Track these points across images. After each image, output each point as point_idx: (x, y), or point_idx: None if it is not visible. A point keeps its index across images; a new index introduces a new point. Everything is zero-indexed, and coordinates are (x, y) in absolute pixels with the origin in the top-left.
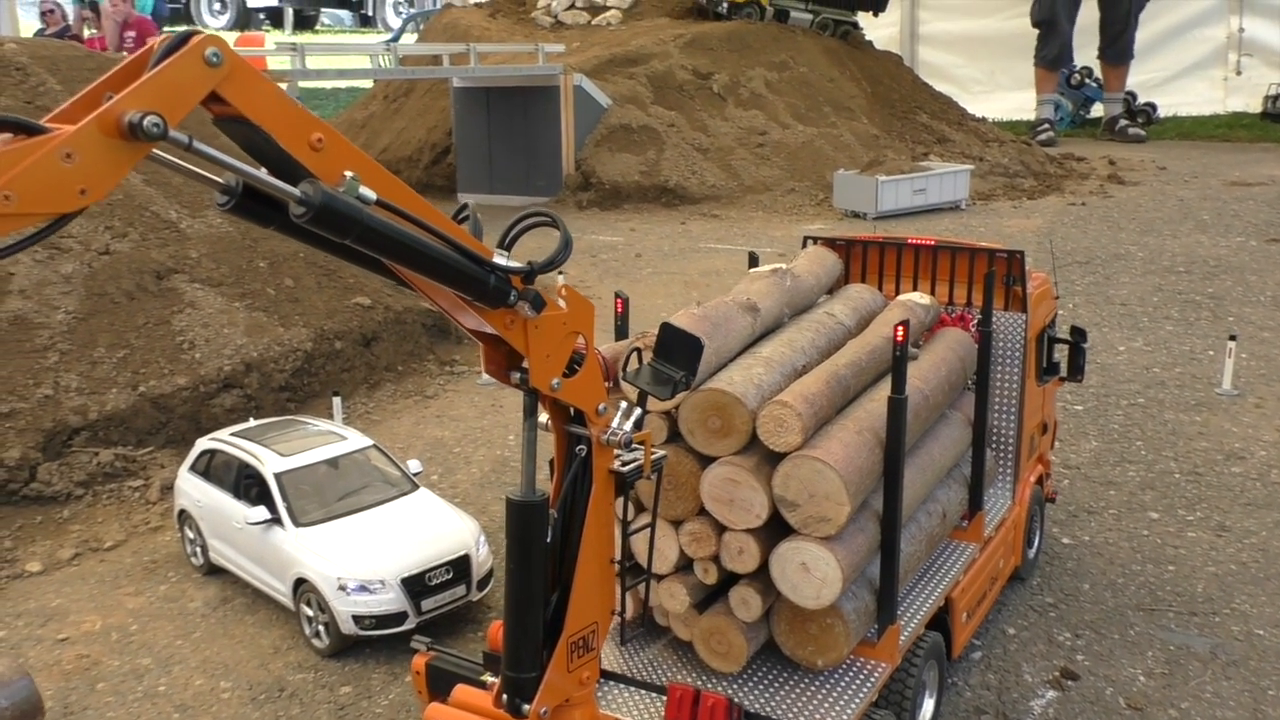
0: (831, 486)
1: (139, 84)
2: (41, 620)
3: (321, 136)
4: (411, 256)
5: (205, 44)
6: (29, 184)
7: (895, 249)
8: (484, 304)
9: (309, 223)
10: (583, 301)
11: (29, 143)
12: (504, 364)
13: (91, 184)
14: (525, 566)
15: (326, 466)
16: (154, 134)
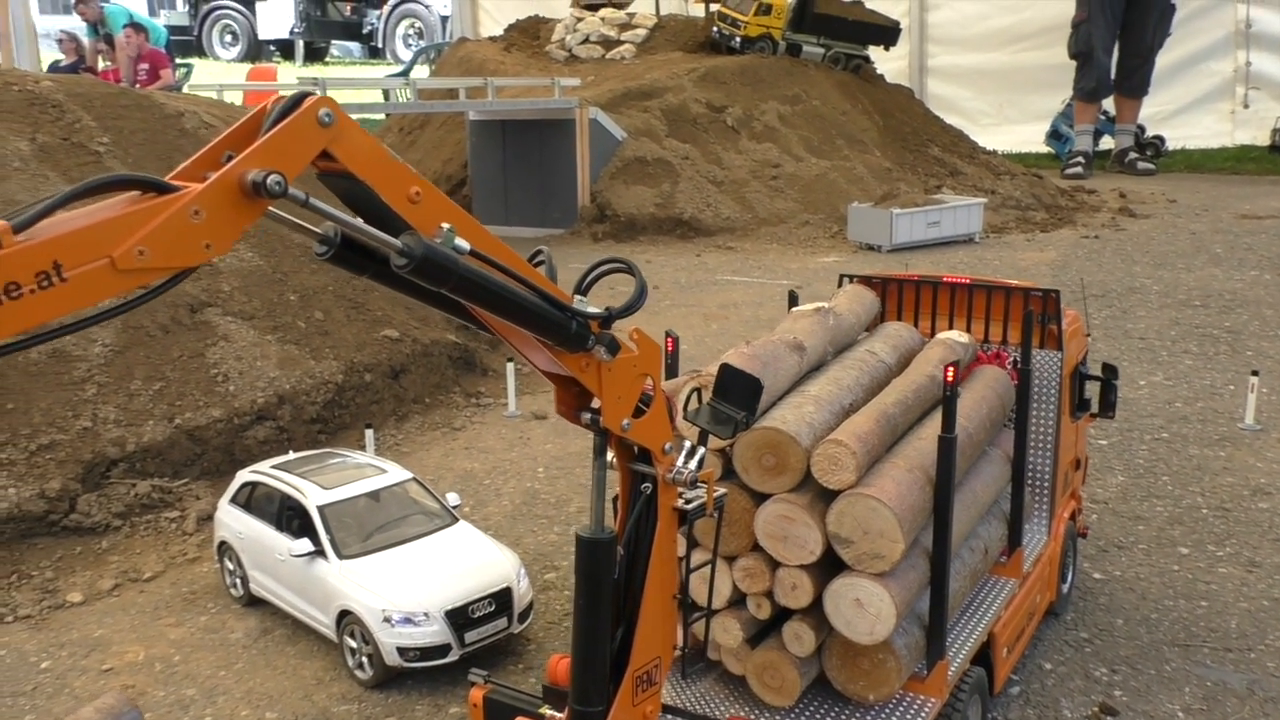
0: (886, 524)
1: (258, 145)
2: (85, 651)
3: (419, 190)
4: (502, 304)
5: (319, 105)
6: (161, 240)
7: (931, 287)
8: (564, 348)
9: (410, 273)
10: (651, 344)
11: (161, 200)
12: (574, 405)
13: (216, 239)
14: (594, 602)
15: (368, 499)
16: (276, 192)
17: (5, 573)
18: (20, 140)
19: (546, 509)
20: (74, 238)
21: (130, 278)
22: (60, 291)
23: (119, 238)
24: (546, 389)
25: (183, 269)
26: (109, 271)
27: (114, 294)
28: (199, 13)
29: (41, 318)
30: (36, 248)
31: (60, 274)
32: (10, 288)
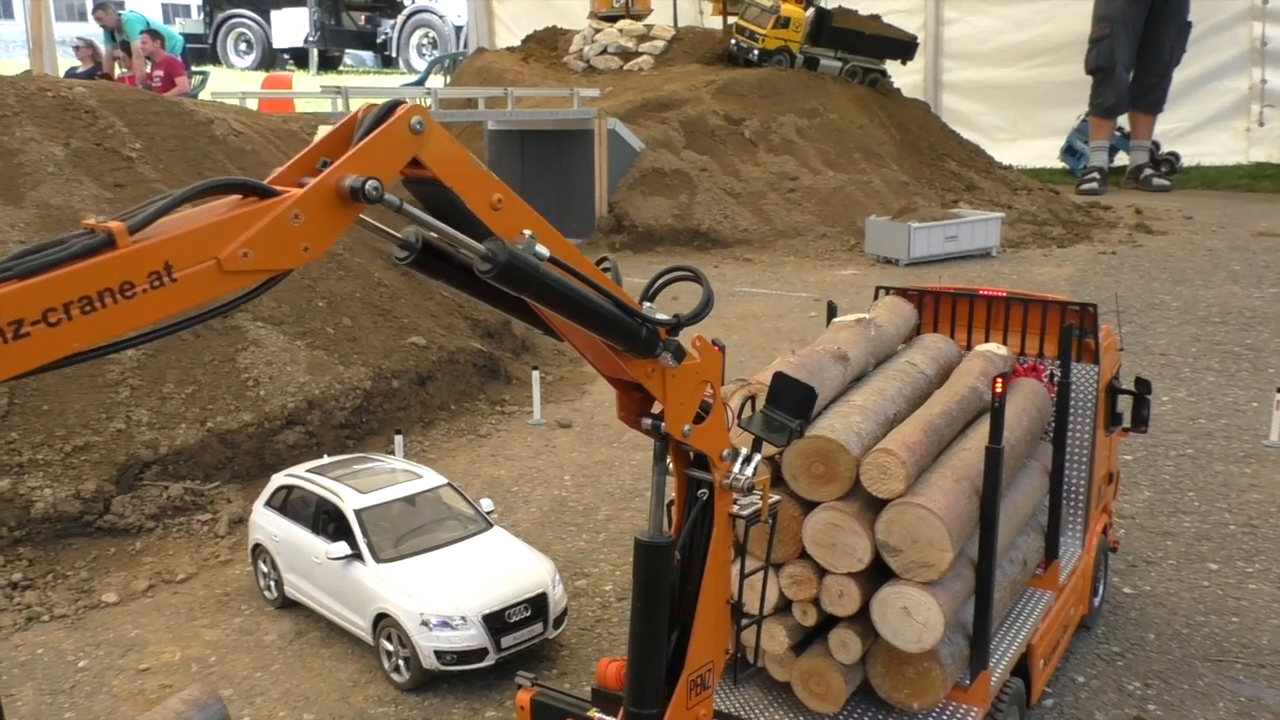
0: (935, 533)
1: (354, 151)
2: (121, 650)
3: (501, 197)
4: (578, 310)
5: (410, 113)
6: (264, 242)
7: (967, 300)
8: (633, 354)
9: (493, 278)
10: (712, 351)
11: (264, 205)
12: (636, 410)
13: (314, 242)
14: (652, 606)
15: (404, 504)
16: (373, 197)
17: (41, 572)
18: (55, 145)
19: (575, 516)
20: (184, 239)
21: (234, 279)
22: (170, 291)
23: (225, 240)
24: (571, 398)
25: (282, 271)
26: (215, 272)
27: (219, 294)
28: (214, 21)
29: (152, 317)
30: (151, 249)
31: (171, 274)
32: (125, 287)
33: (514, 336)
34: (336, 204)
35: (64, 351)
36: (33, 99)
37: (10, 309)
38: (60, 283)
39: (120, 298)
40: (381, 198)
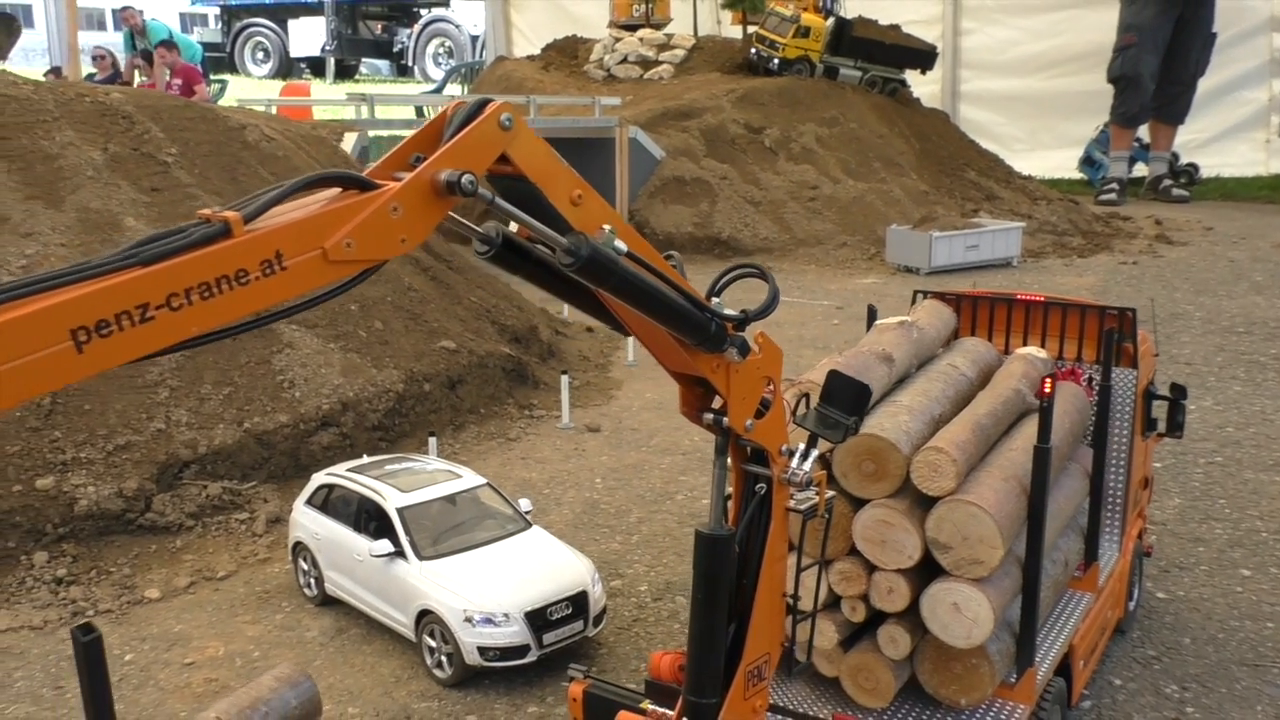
0: (986, 530)
1: (449, 147)
2: (166, 645)
3: (581, 193)
4: (653, 304)
5: (500, 110)
6: (365, 233)
7: (1005, 304)
8: (701, 348)
9: (575, 271)
10: (774, 348)
11: (365, 197)
12: (697, 405)
13: (410, 234)
14: (712, 597)
15: (445, 503)
16: (469, 191)
17: (85, 568)
18: (93, 150)
19: (607, 519)
20: (294, 229)
21: (338, 268)
22: (280, 279)
23: (330, 231)
24: (598, 403)
25: (380, 261)
26: (321, 261)
27: (323, 283)
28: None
29: (263, 302)
30: (264, 238)
31: (281, 262)
32: (240, 274)
33: (540, 342)
34: (432, 197)
35: (183, 335)
36: (71, 104)
37: (137, 294)
38: (182, 269)
39: (235, 284)
40: (476, 191)
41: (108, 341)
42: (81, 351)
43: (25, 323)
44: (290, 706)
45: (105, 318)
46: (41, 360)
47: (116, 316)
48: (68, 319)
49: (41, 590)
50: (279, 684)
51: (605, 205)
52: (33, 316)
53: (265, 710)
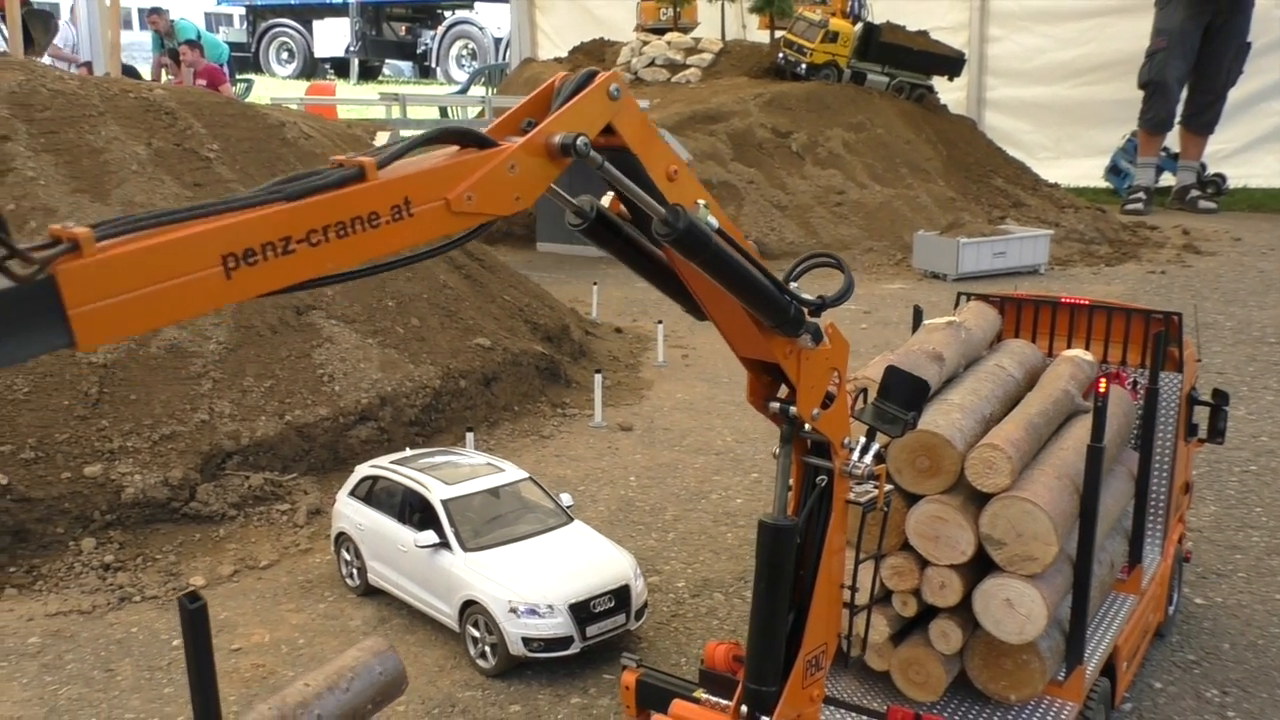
0: (1041, 527)
1: (563, 111)
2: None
3: (677, 169)
4: (739, 281)
5: (610, 80)
6: (485, 188)
7: (1050, 307)
8: (780, 330)
9: (670, 242)
10: (842, 340)
11: (486, 153)
12: (764, 395)
13: (524, 192)
14: (774, 586)
15: (488, 496)
16: (582, 152)
17: (132, 555)
18: (138, 144)
19: (643, 516)
20: (422, 178)
21: (457, 220)
22: (406, 225)
23: (454, 183)
24: (629, 403)
25: (494, 217)
26: (443, 211)
27: (442, 233)
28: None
29: (389, 247)
30: (395, 184)
31: (409, 209)
32: (372, 216)
33: (572, 341)
34: (545, 158)
35: (319, 271)
36: (116, 100)
37: (282, 227)
38: (322, 207)
39: (367, 226)
40: (589, 153)
41: (253, 270)
42: (229, 278)
43: (184, 244)
44: (376, 674)
45: (252, 247)
46: (195, 282)
47: (262, 247)
48: (221, 245)
49: (90, 576)
50: (365, 654)
51: (698, 184)
52: (191, 239)
53: (352, 677)
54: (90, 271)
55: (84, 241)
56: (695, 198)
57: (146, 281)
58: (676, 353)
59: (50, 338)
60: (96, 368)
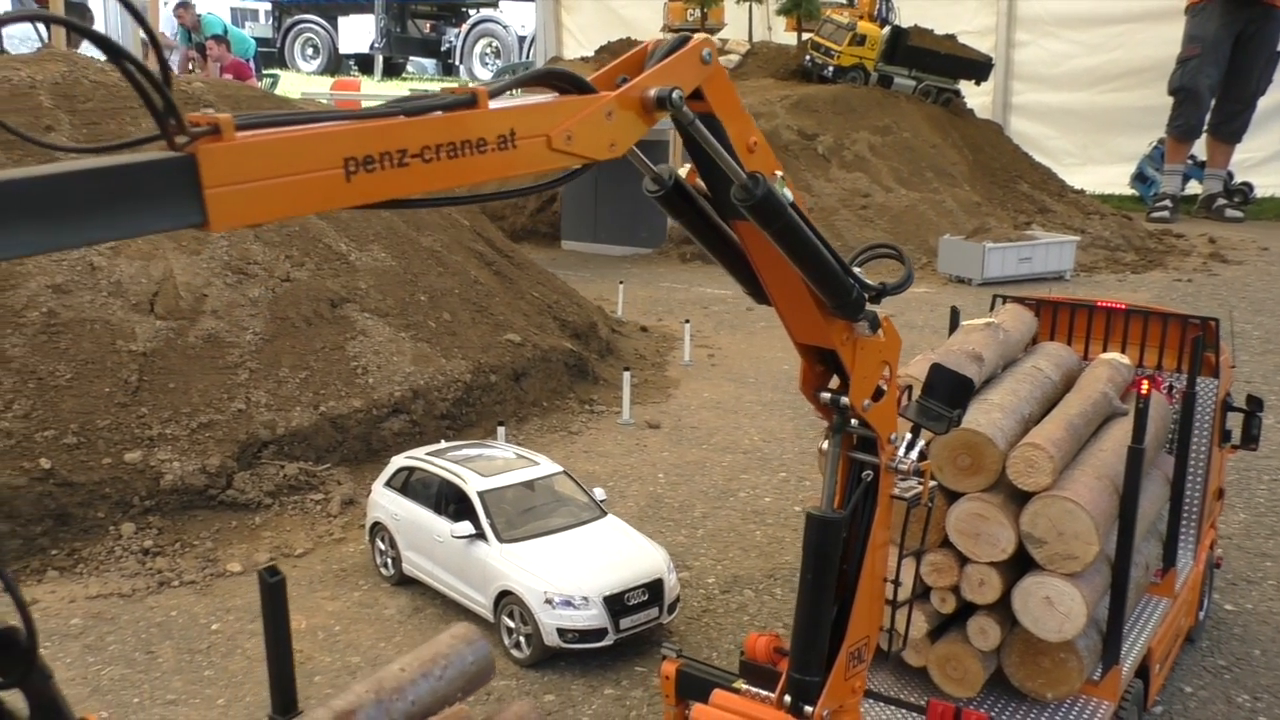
0: (1082, 526)
1: (659, 67)
2: (250, 616)
3: (757, 141)
4: (808, 255)
5: (703, 45)
6: (583, 130)
7: (1086, 311)
8: (841, 312)
9: (747, 208)
10: (895, 334)
11: (587, 97)
12: (816, 384)
13: (619, 140)
14: (820, 578)
15: (523, 488)
16: (677, 104)
17: (170, 540)
18: None
19: (672, 513)
20: (528, 112)
21: (555, 157)
22: (509, 155)
23: (556, 121)
24: (656, 400)
25: (589, 161)
26: (543, 147)
27: (539, 168)
28: (282, 26)
29: (492, 174)
30: (504, 114)
31: (513, 140)
32: (480, 142)
33: (599, 339)
34: (639, 110)
35: (427, 187)
36: None
37: (400, 139)
38: (437, 125)
39: (474, 151)
40: (683, 107)
41: (371, 176)
42: (349, 180)
43: (312, 141)
44: (467, 663)
45: (372, 154)
46: (318, 179)
47: (381, 155)
48: (344, 148)
49: (129, 560)
50: (456, 641)
51: (774, 156)
52: (319, 137)
53: (445, 665)
54: (228, 154)
55: (225, 126)
56: (773, 170)
57: (276, 172)
58: (702, 352)
59: (185, 214)
60: (136, 356)
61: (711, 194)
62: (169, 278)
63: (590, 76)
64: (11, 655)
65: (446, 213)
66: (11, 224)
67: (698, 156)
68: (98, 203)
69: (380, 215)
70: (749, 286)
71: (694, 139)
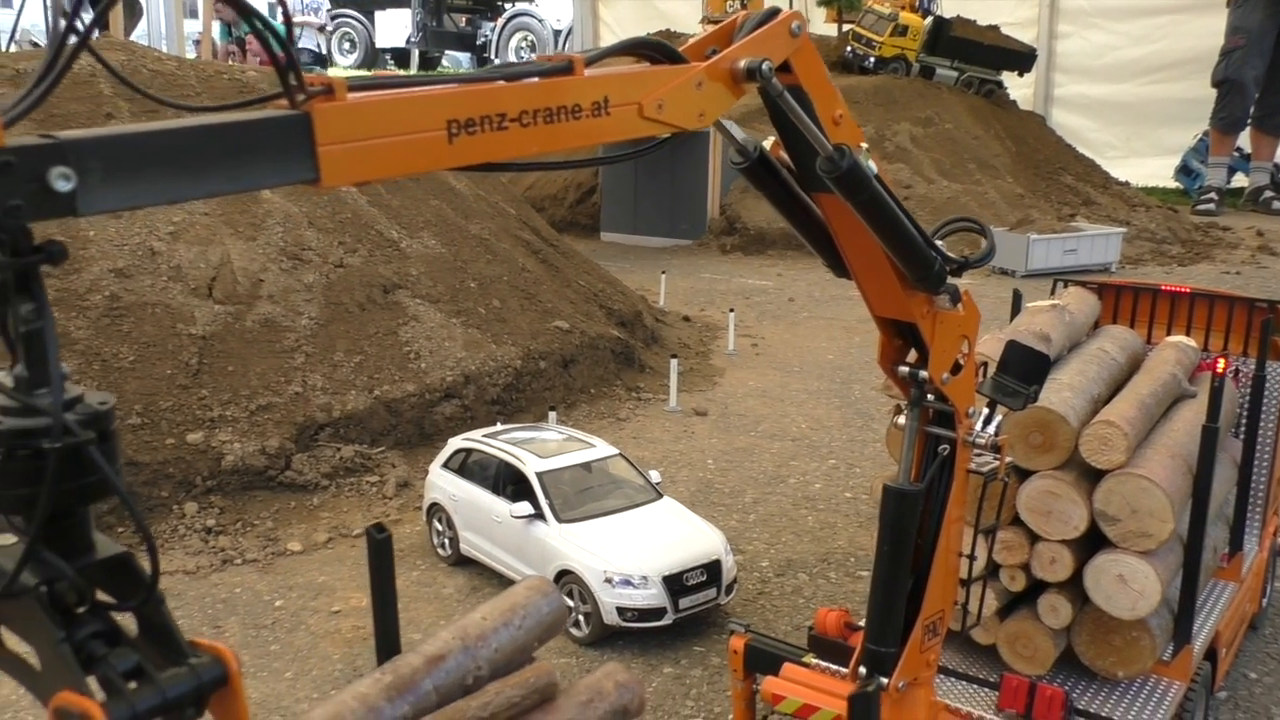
0: (1157, 504)
1: (749, 39)
2: (312, 594)
3: (842, 114)
4: (891, 227)
5: (792, 18)
6: (674, 99)
7: (1149, 294)
8: (922, 284)
9: (833, 179)
10: (975, 309)
11: (678, 67)
12: (894, 358)
13: (708, 110)
14: (897, 551)
15: (580, 469)
16: (767, 75)
17: (231, 520)
18: None
19: (723, 498)
20: (622, 80)
21: (646, 125)
22: (602, 122)
23: (649, 89)
24: (702, 388)
25: (679, 129)
26: (634, 115)
27: (630, 135)
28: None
29: (586, 139)
30: (599, 81)
31: (607, 108)
32: (575, 108)
33: (645, 327)
34: (729, 82)
35: (523, 151)
36: (211, 80)
37: (500, 103)
38: (536, 91)
39: (569, 117)
40: (772, 78)
41: (472, 139)
42: (451, 142)
43: (418, 103)
44: (544, 613)
45: (473, 118)
46: (423, 140)
47: (481, 118)
48: (447, 110)
49: (193, 538)
50: (532, 593)
51: (859, 130)
52: (425, 100)
53: (524, 615)
54: (341, 113)
55: (338, 87)
56: (858, 142)
57: (383, 132)
58: (746, 342)
59: (299, 170)
60: (196, 339)
61: (796, 167)
62: (226, 263)
63: (680, 48)
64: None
65: (494, 201)
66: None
67: (783, 129)
68: (221, 156)
69: (430, 203)
70: (829, 260)
71: (781, 111)
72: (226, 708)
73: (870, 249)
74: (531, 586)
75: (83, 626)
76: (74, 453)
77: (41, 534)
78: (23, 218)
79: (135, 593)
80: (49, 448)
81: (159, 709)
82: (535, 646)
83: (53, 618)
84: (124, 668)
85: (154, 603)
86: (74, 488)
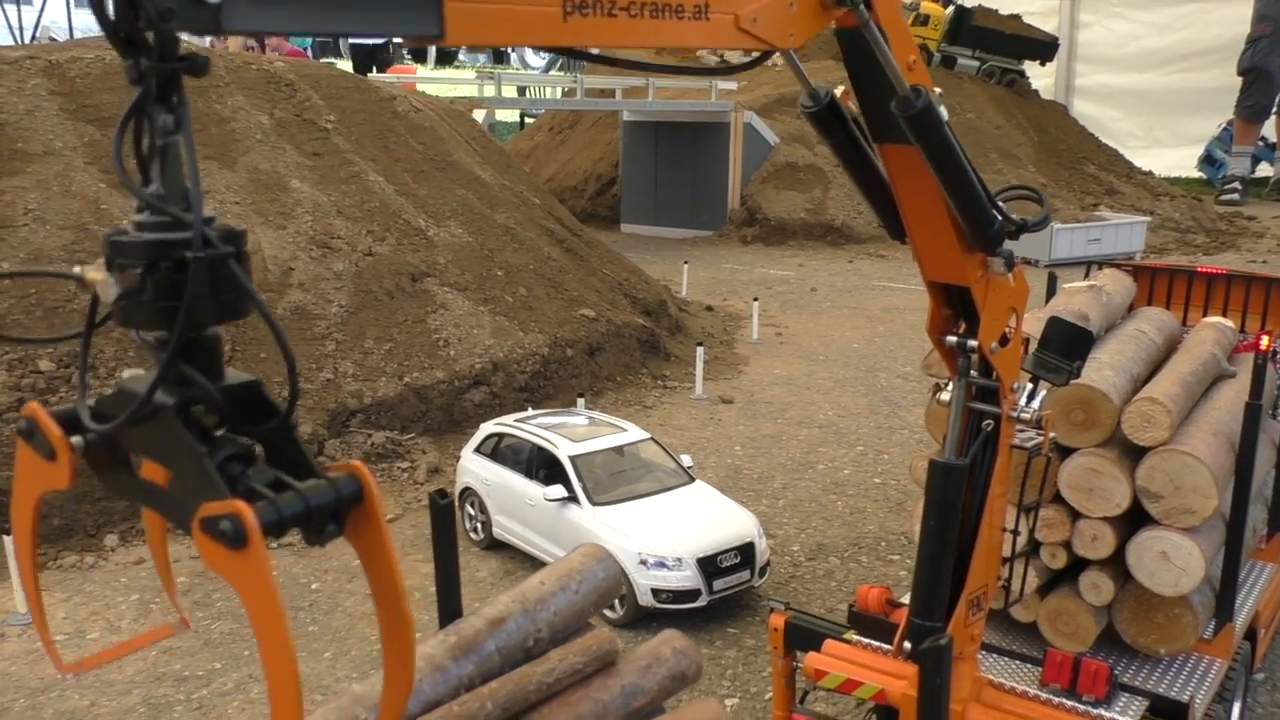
0: (1201, 480)
1: None
2: (348, 577)
3: (915, 59)
4: (957, 176)
5: None
6: (768, 15)
7: (1185, 276)
8: (980, 243)
9: (908, 119)
10: (1025, 283)
11: None
12: (943, 328)
13: (798, 31)
14: (943, 525)
15: (613, 453)
16: (856, 2)
17: None
18: (262, 115)
19: (751, 484)
20: None
21: (740, 38)
22: (701, 26)
23: (745, 2)
24: (727, 377)
25: (769, 47)
26: (731, 26)
27: (722, 45)
28: None
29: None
30: None
31: (707, 13)
32: (678, 8)
33: (669, 316)
34: (819, 6)
35: (627, 42)
36: (239, 71)
37: None
38: None
39: (673, 15)
40: (860, 5)
41: (584, 20)
42: (565, 20)
43: None
44: (599, 579)
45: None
46: (540, 13)
47: (594, 2)
48: None
49: None
50: (588, 559)
51: (929, 77)
52: None
53: (580, 580)
54: None
55: None
56: (930, 88)
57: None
58: (770, 331)
59: (425, 24)
60: (227, 327)
61: (865, 113)
62: (257, 251)
63: None
64: (259, 407)
65: (519, 191)
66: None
67: (857, 69)
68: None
69: (456, 192)
70: (886, 219)
71: (857, 51)
72: (364, 530)
73: (931, 205)
74: (587, 553)
75: (221, 448)
76: (211, 267)
77: (179, 351)
78: (173, 22)
79: (265, 421)
80: (191, 257)
81: (303, 515)
82: (591, 611)
83: (194, 435)
84: (265, 482)
85: (288, 428)
86: (213, 303)
